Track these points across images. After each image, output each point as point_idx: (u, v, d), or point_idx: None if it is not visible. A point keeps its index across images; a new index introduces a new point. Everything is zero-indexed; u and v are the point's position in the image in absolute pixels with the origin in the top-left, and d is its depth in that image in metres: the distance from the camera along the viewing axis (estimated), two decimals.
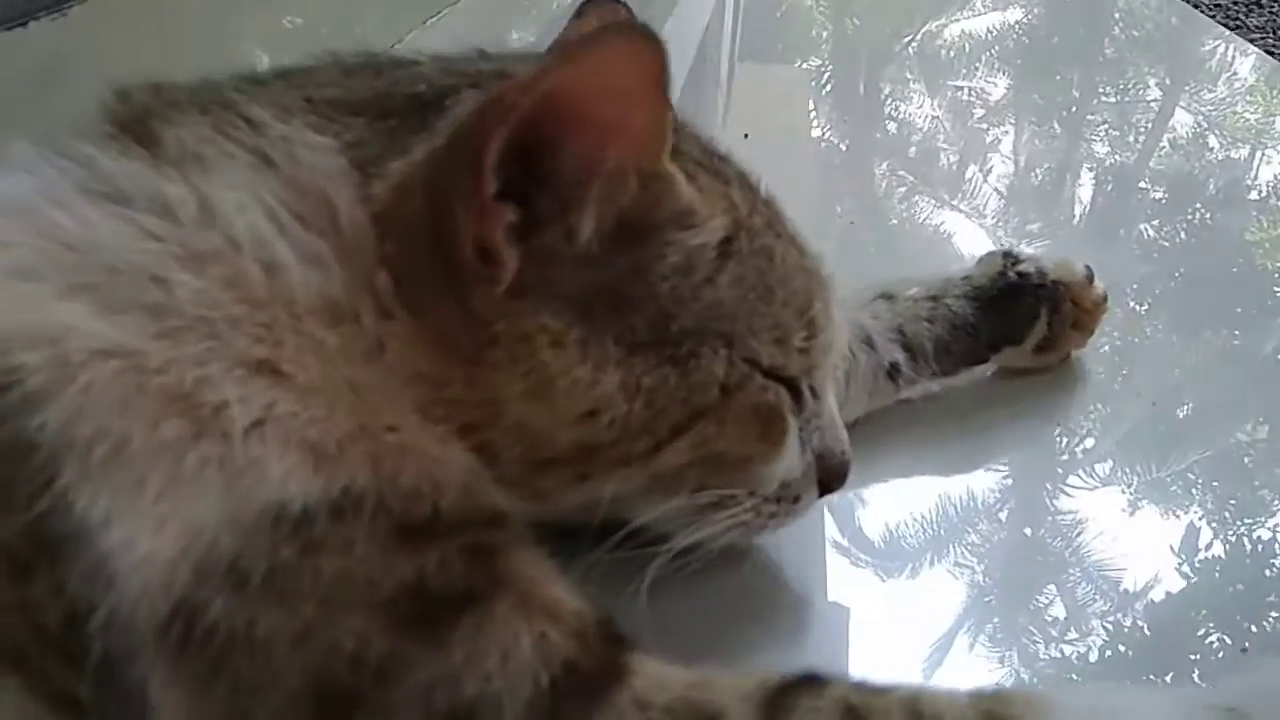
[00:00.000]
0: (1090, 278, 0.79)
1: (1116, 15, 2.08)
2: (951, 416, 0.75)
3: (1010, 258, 0.77)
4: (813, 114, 1.51)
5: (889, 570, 0.68)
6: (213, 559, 0.36)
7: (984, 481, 0.77)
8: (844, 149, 1.43)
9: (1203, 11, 2.43)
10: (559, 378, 0.46)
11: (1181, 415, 0.89)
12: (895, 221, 1.21)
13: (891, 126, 1.54)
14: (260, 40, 0.56)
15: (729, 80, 1.68)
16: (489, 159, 0.41)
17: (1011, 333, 0.77)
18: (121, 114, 0.45)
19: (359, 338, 0.43)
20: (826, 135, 1.46)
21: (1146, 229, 1.25)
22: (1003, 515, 0.75)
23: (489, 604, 0.40)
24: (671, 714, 0.40)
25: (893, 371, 0.73)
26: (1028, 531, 0.75)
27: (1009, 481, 0.78)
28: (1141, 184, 1.39)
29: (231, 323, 0.40)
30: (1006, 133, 1.55)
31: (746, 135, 1.26)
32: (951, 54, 1.86)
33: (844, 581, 0.65)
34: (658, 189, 0.47)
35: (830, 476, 0.57)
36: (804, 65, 1.77)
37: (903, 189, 1.30)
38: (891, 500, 0.72)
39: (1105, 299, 0.80)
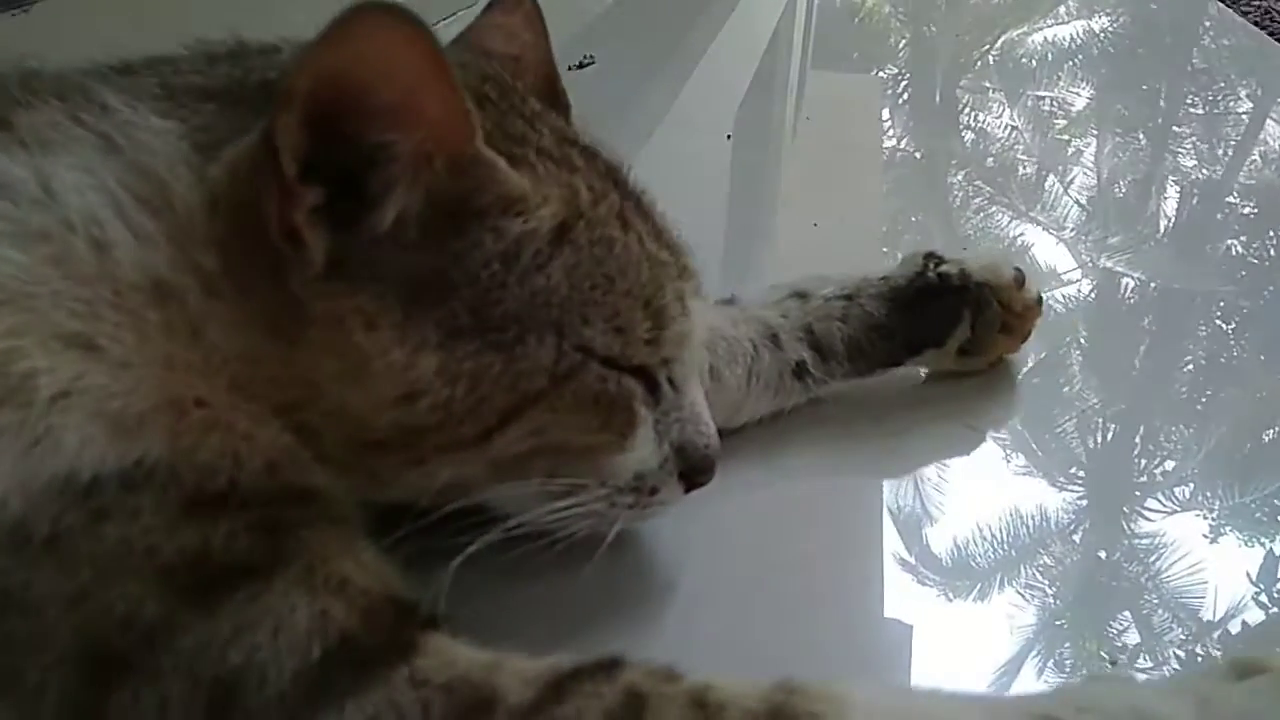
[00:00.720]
0: (1020, 281, 0.73)
1: (1206, 24, 1.99)
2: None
3: (933, 258, 0.73)
4: (887, 123, 1.50)
5: (956, 590, 0.65)
6: (7, 519, 0.37)
7: (1057, 501, 0.73)
8: (918, 158, 1.42)
9: None
10: (373, 360, 0.45)
11: (1267, 439, 0.85)
12: (970, 233, 1.19)
13: (969, 136, 1.52)
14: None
15: (799, 88, 1.68)
16: (280, 141, 0.42)
17: (931, 335, 0.72)
18: None
19: (181, 316, 0.44)
20: (901, 145, 1.44)
21: (1234, 245, 1.20)
22: (1077, 537, 0.72)
23: (268, 578, 0.39)
24: (448, 691, 0.38)
25: (799, 370, 0.69)
26: (1102, 555, 0.71)
27: (1084, 503, 0.74)
28: (1230, 198, 1.33)
29: (52, 298, 0.41)
30: (1089, 143, 1.51)
31: (729, 136, 1.30)
32: (1033, 62, 1.83)
33: (908, 599, 0.63)
34: (477, 175, 0.46)
35: (692, 470, 0.55)
36: (879, 74, 1.77)
37: (979, 199, 1.28)
38: (960, 517, 0.69)
39: (1039, 302, 0.75)
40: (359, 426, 0.46)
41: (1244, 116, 1.59)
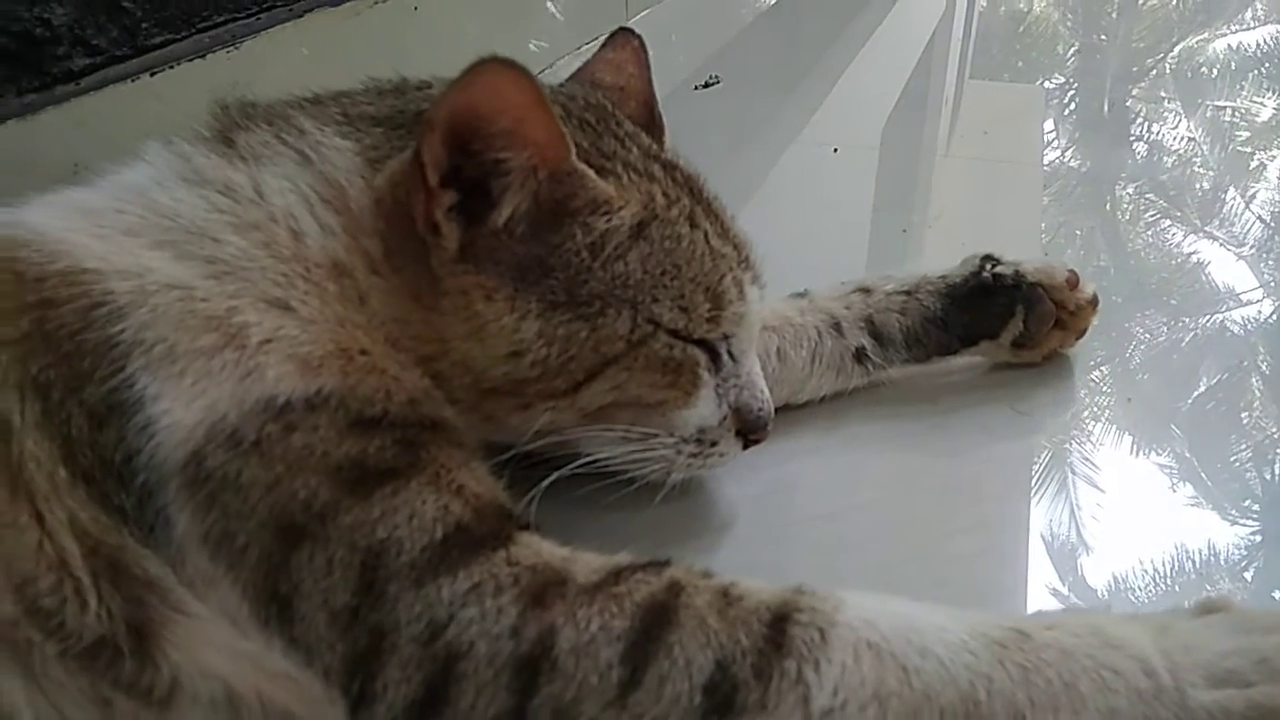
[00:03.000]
0: (1074, 282, 0.81)
1: None
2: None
3: (990, 260, 0.82)
4: (1052, 134, 1.48)
5: None
6: (221, 427, 0.51)
7: (1228, 535, 0.71)
8: (1083, 171, 1.39)
9: None
10: (490, 324, 0.59)
11: None
12: (1138, 247, 1.17)
13: (1140, 148, 1.47)
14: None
15: (957, 99, 1.68)
16: (425, 157, 0.56)
17: (986, 328, 0.81)
18: (215, 123, 0.63)
19: (352, 288, 0.58)
20: (1065, 157, 1.42)
21: None
22: (1248, 574, 0.69)
23: (406, 479, 0.52)
24: (533, 570, 0.51)
25: (860, 355, 0.80)
26: (1277, 595, 0.68)
27: (1257, 538, 0.72)
28: None
29: (261, 272, 0.56)
30: (1274, 156, 1.44)
31: (836, 149, 1.33)
32: (1214, 71, 1.76)
33: None
34: (571, 183, 0.59)
35: (748, 428, 0.67)
36: (1044, 84, 1.74)
37: (1150, 214, 1.25)
38: (1120, 549, 0.67)
39: (1095, 302, 0.83)
40: (478, 376, 0.59)
41: None
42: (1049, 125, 1.51)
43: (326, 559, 0.50)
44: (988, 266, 0.81)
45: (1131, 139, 1.51)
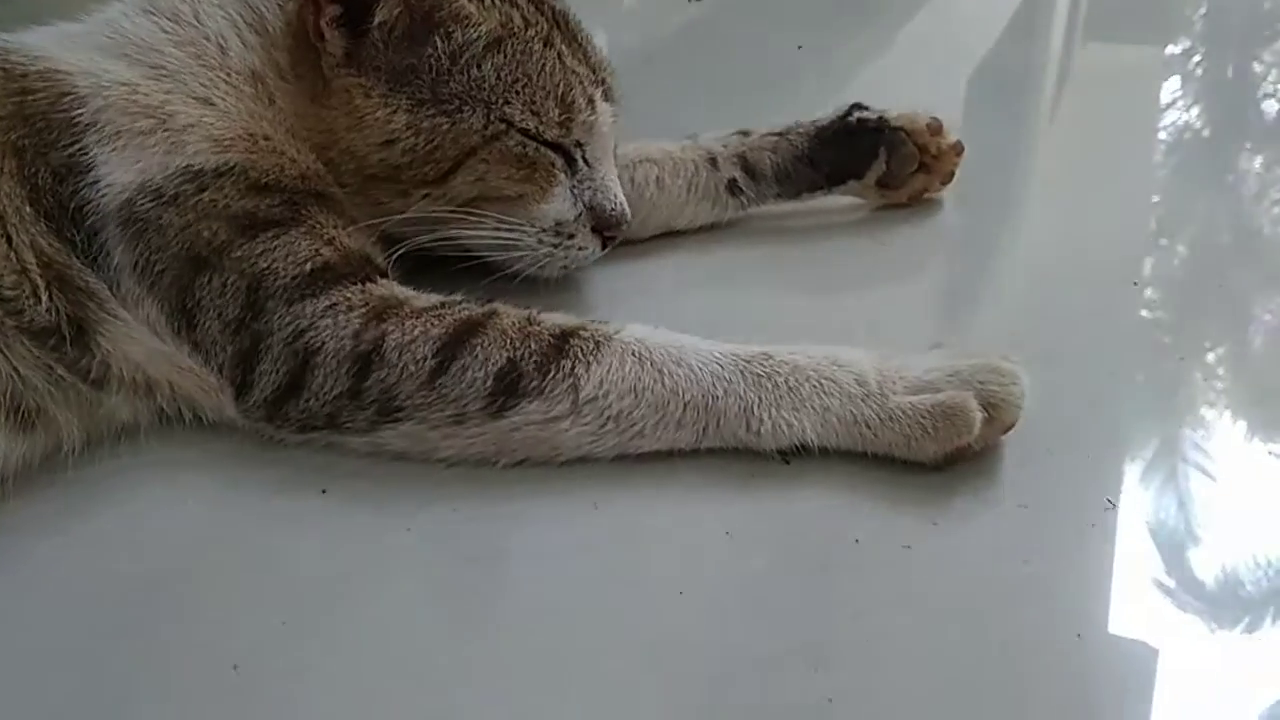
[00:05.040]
0: (935, 128, 0.90)
1: None
2: None
3: (858, 106, 0.91)
4: (1173, 101, 1.35)
5: (1221, 619, 0.59)
6: (149, 185, 0.67)
7: None
8: (1205, 142, 1.27)
9: None
10: (367, 116, 0.73)
11: None
12: (1263, 224, 1.07)
13: (1270, 118, 1.33)
14: None
15: (1065, 60, 1.55)
16: None
17: (851, 168, 0.91)
18: None
19: (264, 91, 0.73)
20: (1186, 126, 1.30)
21: None
22: None
23: (287, 228, 0.68)
24: (380, 299, 0.66)
25: (733, 187, 0.91)
26: None
27: None
28: None
29: (192, 75, 0.72)
30: None
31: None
32: None
33: (1164, 625, 0.58)
34: None
35: (602, 224, 0.79)
36: (1168, 48, 1.56)
37: (1278, 190, 1.13)
38: (1231, 539, 0.64)
39: (958, 148, 0.92)
40: (360, 162, 0.73)
41: None
42: (1170, 91, 1.39)
43: (222, 283, 0.66)
44: (854, 112, 0.91)
45: (1260, 108, 1.37)
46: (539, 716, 0.51)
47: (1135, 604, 0.58)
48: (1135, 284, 0.89)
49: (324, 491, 0.63)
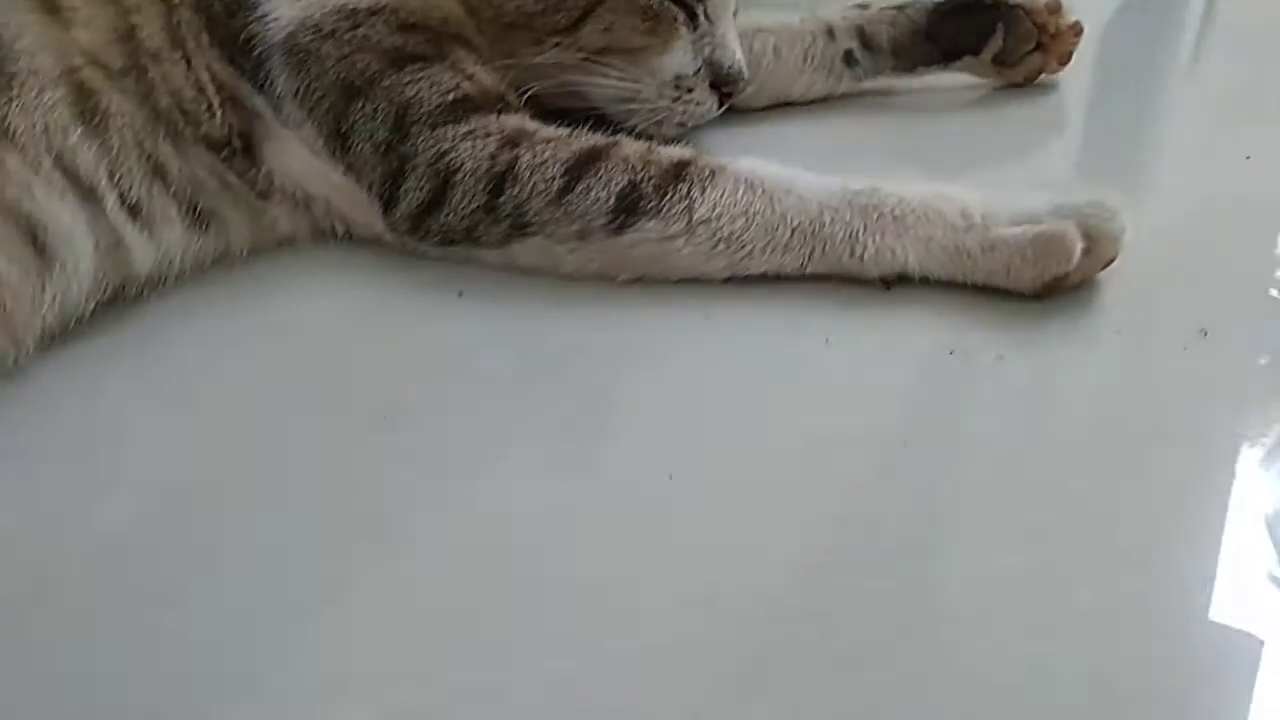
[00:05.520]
0: (1054, 7, 0.91)
1: None
2: None
3: None
4: None
5: None
6: (310, 22, 0.74)
7: None
8: None
9: None
10: None
11: None
12: None
13: None
14: None
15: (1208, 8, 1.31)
16: None
17: (967, 44, 0.92)
18: None
19: None
20: None
21: None
22: None
23: (431, 62, 0.74)
24: (514, 129, 0.71)
25: (849, 58, 0.93)
26: None
27: None
28: None
29: None
30: None
31: None
32: None
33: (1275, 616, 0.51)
34: None
35: (720, 80, 0.82)
36: None
37: None
38: None
39: (1076, 28, 0.92)
40: (499, 10, 0.78)
41: None
42: None
43: (373, 109, 0.72)
44: None
45: None
46: (653, 508, 0.55)
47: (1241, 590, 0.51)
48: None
49: (460, 294, 0.70)
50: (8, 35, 0.65)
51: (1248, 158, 0.85)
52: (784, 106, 0.95)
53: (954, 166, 0.88)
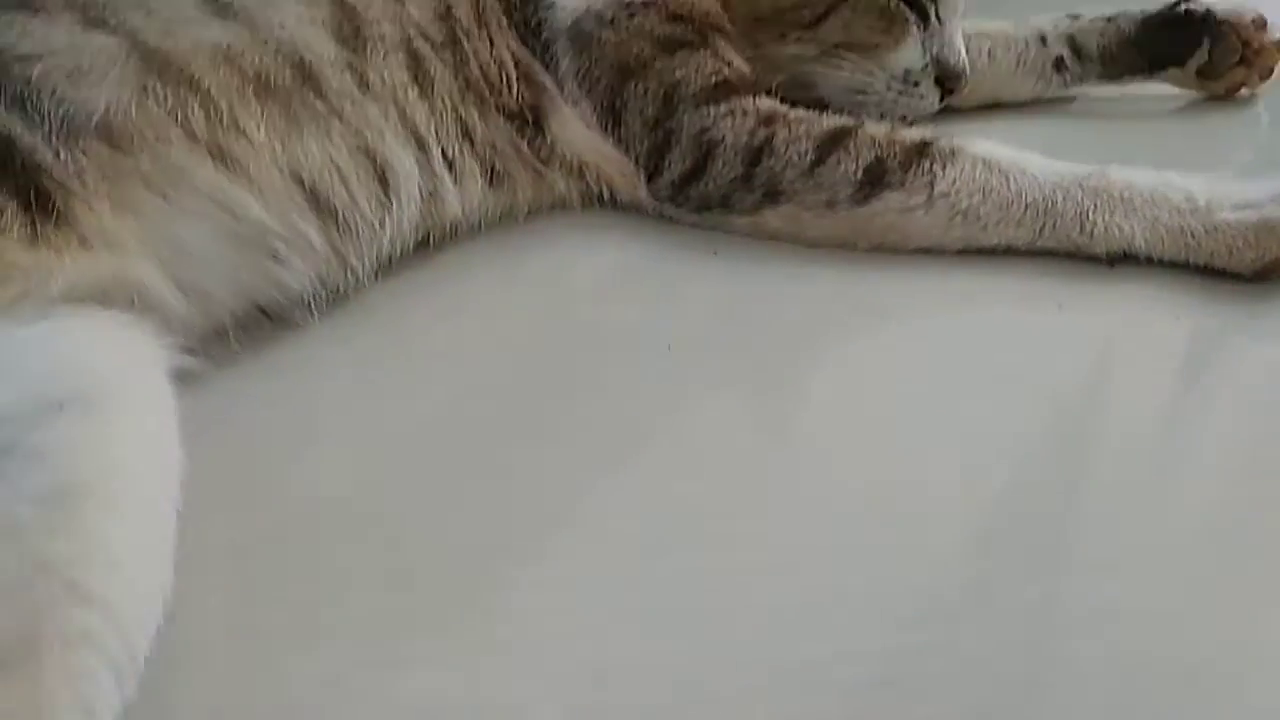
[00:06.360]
0: (1260, 23, 0.95)
1: None
2: None
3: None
4: None
5: None
6: (592, 10, 0.85)
7: None
8: None
9: None
10: None
11: None
12: None
13: None
14: None
15: None
16: None
17: (1173, 55, 0.97)
18: None
19: None
20: None
21: None
22: None
23: (698, 48, 0.84)
24: (768, 108, 0.80)
25: (1059, 64, 0.99)
26: None
27: None
28: None
29: None
30: None
31: None
32: None
33: None
34: None
35: (945, 75, 0.90)
36: None
37: None
38: None
39: None
40: (752, 5, 0.88)
41: None
42: None
43: (644, 88, 0.82)
44: (1182, 2, 0.97)
45: None
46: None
47: None
48: None
49: (715, 253, 0.80)
50: (360, 5, 0.77)
51: None
52: (993, 107, 1.02)
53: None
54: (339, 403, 0.68)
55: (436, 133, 0.78)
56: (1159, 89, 1.02)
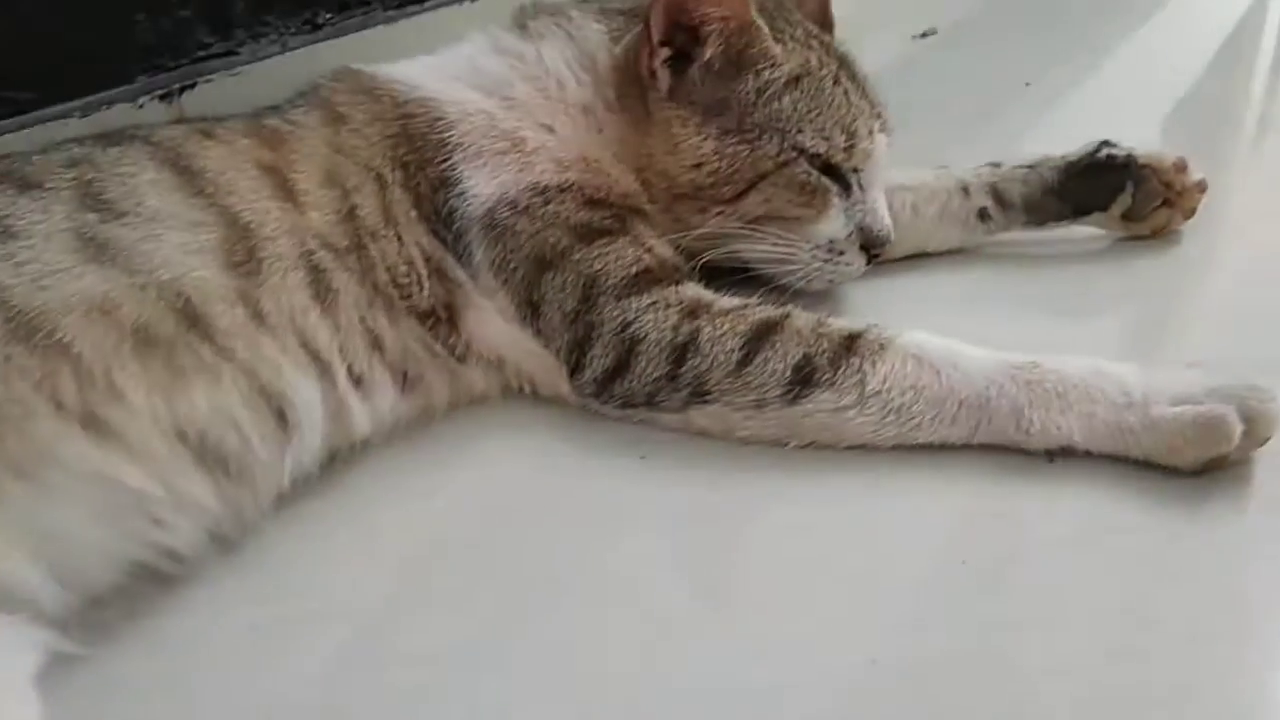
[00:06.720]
0: (1181, 166, 0.96)
1: None
2: None
3: (1107, 143, 0.97)
4: None
5: None
6: (506, 198, 0.82)
7: None
8: None
9: None
10: (682, 143, 0.85)
11: None
12: None
13: None
14: None
15: (1273, 75, 1.58)
16: (652, 22, 0.84)
17: (1097, 201, 0.98)
18: (518, 14, 0.94)
19: (594, 121, 0.87)
20: None
21: None
22: None
23: (615, 236, 0.81)
24: (692, 299, 0.78)
25: (983, 214, 1.00)
26: None
27: None
28: None
29: (537, 107, 0.87)
30: None
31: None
32: None
33: None
34: (750, 34, 0.85)
35: (869, 243, 0.89)
36: None
37: None
38: None
39: (1201, 185, 0.97)
40: (672, 182, 0.86)
41: None
42: None
43: (563, 280, 0.79)
44: (1103, 149, 0.98)
45: None
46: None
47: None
48: None
49: (643, 457, 0.76)
50: (255, 223, 0.73)
51: None
52: (920, 256, 1.02)
53: (1082, 313, 0.94)
54: (222, 685, 0.62)
55: (341, 350, 0.74)
56: (1085, 230, 1.02)
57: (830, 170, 0.87)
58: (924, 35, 1.74)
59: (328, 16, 1.09)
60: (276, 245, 0.73)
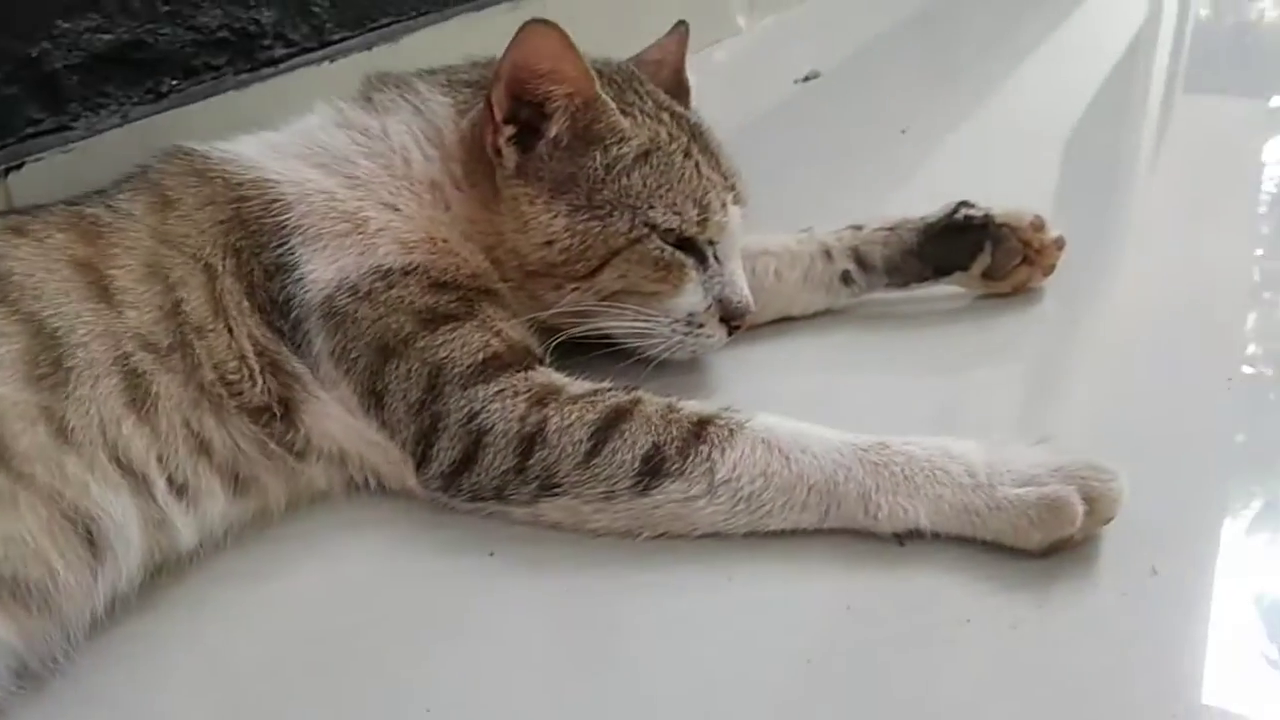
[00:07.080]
0: (1038, 225, 0.98)
1: None
2: None
3: (965, 204, 0.99)
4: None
5: None
6: (346, 283, 0.78)
7: None
8: None
9: None
10: (531, 221, 0.83)
11: None
12: None
13: None
14: None
15: (1165, 112, 1.63)
16: (494, 100, 0.81)
17: (957, 260, 0.99)
18: (364, 85, 0.90)
19: (441, 198, 0.84)
20: None
21: None
22: None
23: (462, 321, 0.78)
24: (541, 386, 0.75)
25: (845, 277, 1.00)
26: None
27: None
28: None
29: (381, 184, 0.83)
30: None
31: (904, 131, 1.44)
32: None
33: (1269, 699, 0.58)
34: (597, 109, 0.83)
35: (729, 315, 0.88)
36: (1275, 100, 1.61)
37: None
38: None
39: (1059, 242, 0.99)
40: (523, 260, 0.83)
41: None
42: (1273, 146, 1.40)
43: (407, 369, 0.76)
44: (961, 209, 0.98)
45: None
46: None
47: (1235, 675, 0.60)
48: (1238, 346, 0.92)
49: (491, 554, 0.73)
50: (64, 328, 0.69)
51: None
52: (785, 320, 1.01)
53: (945, 371, 0.95)
54: None
55: (160, 459, 0.69)
56: (947, 289, 1.02)
57: (685, 244, 0.85)
58: (806, 79, 1.75)
59: (173, 83, 1.03)
60: (87, 351, 0.68)
